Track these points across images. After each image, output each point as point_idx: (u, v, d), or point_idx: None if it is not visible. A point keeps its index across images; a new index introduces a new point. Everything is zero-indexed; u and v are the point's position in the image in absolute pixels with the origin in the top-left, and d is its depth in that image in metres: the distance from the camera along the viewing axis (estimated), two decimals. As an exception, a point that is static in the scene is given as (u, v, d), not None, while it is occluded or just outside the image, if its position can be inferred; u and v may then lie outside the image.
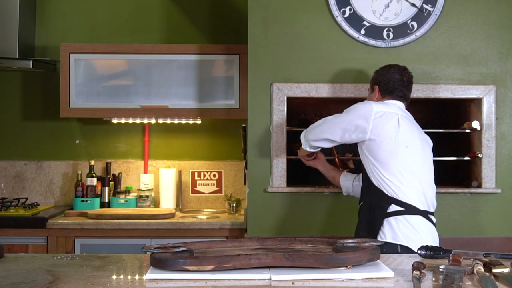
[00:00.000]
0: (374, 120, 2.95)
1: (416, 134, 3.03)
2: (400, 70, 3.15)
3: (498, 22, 3.61)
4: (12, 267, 2.07)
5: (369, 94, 3.23)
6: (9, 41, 4.13)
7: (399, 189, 2.90)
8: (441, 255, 2.20)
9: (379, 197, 2.94)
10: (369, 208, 3.00)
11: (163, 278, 1.88)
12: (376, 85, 3.16)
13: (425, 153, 3.05)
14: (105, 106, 4.10)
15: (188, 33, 4.45)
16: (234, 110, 4.09)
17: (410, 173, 2.92)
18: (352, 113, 3.02)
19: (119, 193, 4.32)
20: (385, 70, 3.17)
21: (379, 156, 2.94)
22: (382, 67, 3.21)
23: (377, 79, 3.17)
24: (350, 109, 3.07)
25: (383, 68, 3.19)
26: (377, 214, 2.93)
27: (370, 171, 2.98)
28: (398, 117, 2.98)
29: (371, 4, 3.60)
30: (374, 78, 3.20)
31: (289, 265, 1.94)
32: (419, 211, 2.91)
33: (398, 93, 3.11)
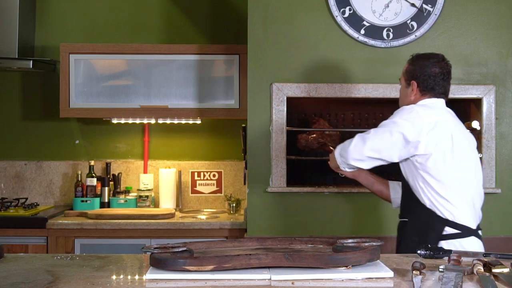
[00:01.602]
0: (428, 133, 2.60)
1: (465, 138, 2.74)
2: (439, 61, 2.79)
3: (498, 22, 3.61)
4: (12, 267, 2.07)
5: (403, 88, 2.85)
6: (9, 41, 4.13)
7: (455, 209, 2.61)
8: (441, 255, 2.20)
9: (430, 219, 2.62)
10: (417, 230, 2.66)
11: (163, 278, 1.88)
12: (413, 81, 2.77)
13: (476, 159, 2.76)
14: (105, 106, 4.10)
15: (188, 33, 4.45)
16: (234, 110, 4.09)
17: (465, 189, 2.65)
18: (399, 127, 2.63)
19: (119, 193, 4.32)
20: (422, 62, 2.78)
21: (433, 173, 2.60)
22: (418, 57, 2.82)
23: (414, 73, 2.78)
24: (394, 121, 2.68)
25: (420, 59, 2.80)
26: (428, 237, 2.57)
27: (420, 189, 2.64)
28: (449, 124, 2.69)
29: (371, 4, 3.60)
30: (410, 72, 2.79)
31: (289, 265, 1.94)
32: (472, 231, 2.64)
33: (439, 89, 2.77)
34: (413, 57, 2.84)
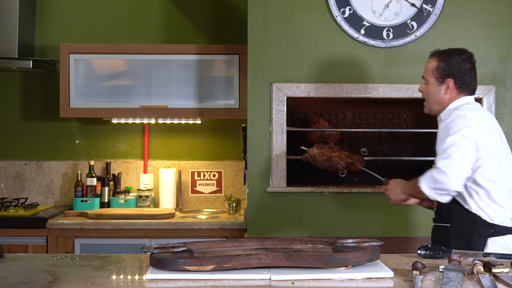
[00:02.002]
0: (487, 136, 2.60)
1: (503, 135, 2.74)
2: (470, 56, 2.75)
3: (498, 22, 3.61)
4: (12, 267, 2.07)
5: (433, 87, 2.74)
6: (9, 41, 4.13)
7: (503, 210, 2.61)
8: (441, 255, 2.20)
9: (475, 223, 2.61)
10: (462, 235, 2.62)
11: (163, 278, 1.88)
12: (450, 78, 2.69)
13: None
14: (105, 106, 4.10)
15: (188, 33, 4.45)
16: (234, 110, 4.09)
17: (509, 190, 2.65)
18: (469, 137, 2.58)
19: (119, 193, 4.32)
20: (456, 58, 2.71)
21: (488, 175, 2.59)
22: (448, 53, 2.74)
23: (450, 70, 2.69)
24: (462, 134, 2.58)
25: (451, 55, 2.73)
26: (474, 242, 2.56)
27: (467, 194, 2.62)
28: (495, 124, 2.70)
29: (371, 4, 3.60)
30: (444, 69, 2.71)
31: (289, 265, 1.94)
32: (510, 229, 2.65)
33: (474, 85, 2.74)
34: (439, 53, 2.75)
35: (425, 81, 2.79)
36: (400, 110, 3.99)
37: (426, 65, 2.81)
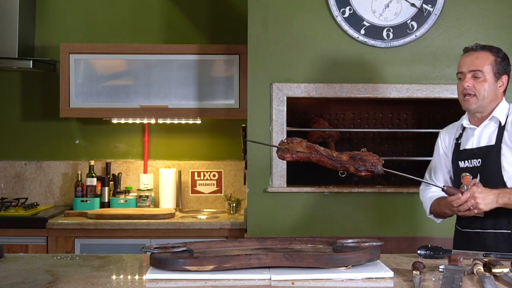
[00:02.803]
0: None
1: None
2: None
3: (498, 22, 3.61)
4: (12, 267, 2.07)
5: (490, 84, 2.61)
6: (9, 41, 4.13)
7: None
8: (441, 255, 2.20)
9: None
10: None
11: (163, 278, 1.88)
12: (505, 75, 2.64)
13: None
14: (105, 106, 4.10)
15: (188, 33, 4.45)
16: (234, 110, 4.09)
17: None
18: None
19: (119, 193, 4.32)
20: (504, 52, 2.66)
21: None
22: (497, 49, 2.66)
23: (505, 67, 2.64)
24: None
25: (501, 50, 2.66)
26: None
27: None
28: None
29: (371, 4, 3.60)
30: (501, 65, 2.63)
31: (289, 265, 1.94)
32: None
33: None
34: (496, 48, 2.66)
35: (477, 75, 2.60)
36: (400, 110, 3.99)
37: (477, 59, 2.61)
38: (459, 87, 2.66)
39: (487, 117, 2.65)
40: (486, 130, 2.66)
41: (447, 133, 2.84)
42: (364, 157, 2.25)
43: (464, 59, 2.66)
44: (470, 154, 2.65)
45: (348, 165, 2.23)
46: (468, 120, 2.73)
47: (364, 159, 2.25)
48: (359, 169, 2.22)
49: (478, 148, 2.64)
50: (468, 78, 2.60)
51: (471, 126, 2.70)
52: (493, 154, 2.58)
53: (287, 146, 2.25)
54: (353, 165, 2.23)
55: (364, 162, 2.23)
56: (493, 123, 2.65)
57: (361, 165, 2.22)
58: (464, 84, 2.60)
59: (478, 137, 2.66)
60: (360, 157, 2.25)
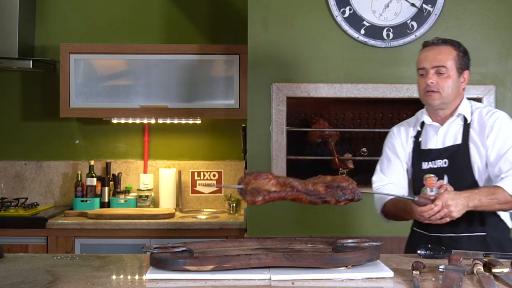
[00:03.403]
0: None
1: None
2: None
3: (497, 22, 3.61)
4: (12, 267, 2.07)
5: (454, 80, 2.51)
6: (9, 41, 4.13)
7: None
8: (441, 255, 2.20)
9: (505, 231, 2.53)
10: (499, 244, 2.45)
11: (163, 278, 1.88)
12: (467, 70, 2.57)
13: None
14: (105, 106, 4.10)
15: (188, 33, 4.45)
16: (234, 110, 4.09)
17: None
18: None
19: (119, 193, 4.32)
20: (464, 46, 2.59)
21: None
22: (458, 43, 2.58)
23: (467, 62, 2.57)
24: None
25: (461, 44, 2.59)
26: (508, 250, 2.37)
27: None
28: None
29: (371, 4, 3.60)
30: (464, 60, 2.55)
31: (289, 265, 1.94)
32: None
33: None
34: (457, 42, 2.59)
35: (441, 71, 2.50)
36: (400, 110, 3.99)
37: (439, 54, 2.52)
38: (420, 83, 2.54)
39: (450, 115, 2.56)
40: (451, 128, 2.56)
41: (403, 131, 2.68)
42: (341, 183, 2.09)
43: (425, 54, 2.54)
44: (435, 154, 2.54)
45: (327, 198, 2.07)
46: (429, 117, 2.61)
47: (342, 186, 2.08)
48: (339, 199, 2.07)
49: (444, 148, 2.53)
50: (431, 74, 2.49)
51: (433, 123, 2.59)
52: (461, 153, 2.49)
53: (254, 185, 2.03)
54: (333, 197, 2.06)
55: (343, 190, 2.08)
56: (459, 121, 2.55)
57: (341, 194, 2.07)
58: (428, 80, 2.49)
59: (443, 136, 2.56)
60: (337, 185, 2.08)
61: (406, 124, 2.72)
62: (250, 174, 2.05)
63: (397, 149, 2.66)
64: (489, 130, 2.48)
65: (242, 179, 2.05)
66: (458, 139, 2.53)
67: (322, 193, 2.05)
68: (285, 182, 2.03)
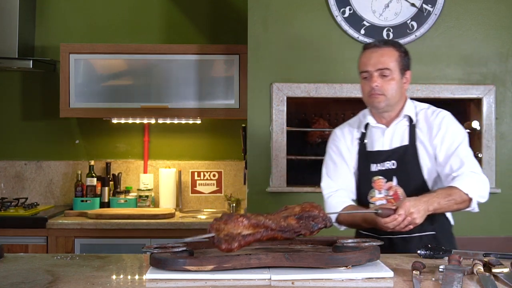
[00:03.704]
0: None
1: None
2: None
3: (498, 22, 3.61)
4: (12, 267, 2.07)
5: (397, 81, 2.49)
6: (9, 41, 4.13)
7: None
8: (441, 255, 2.19)
9: (450, 227, 2.58)
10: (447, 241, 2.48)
11: (163, 278, 1.88)
12: (409, 71, 2.55)
13: None
14: (105, 106, 4.10)
15: (188, 33, 4.46)
16: (234, 110, 4.09)
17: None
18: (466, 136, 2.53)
19: (119, 193, 4.32)
20: (404, 46, 2.58)
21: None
22: (399, 43, 2.58)
23: (408, 62, 2.54)
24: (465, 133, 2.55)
25: (402, 45, 2.58)
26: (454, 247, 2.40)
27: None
28: None
29: (371, 4, 3.60)
30: (405, 61, 2.53)
31: (289, 265, 1.94)
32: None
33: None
34: (397, 43, 2.58)
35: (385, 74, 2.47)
36: (400, 110, 3.98)
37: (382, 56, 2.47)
38: (364, 87, 2.50)
39: (395, 116, 2.54)
40: (397, 129, 2.54)
41: (347, 133, 2.65)
42: (311, 213, 2.06)
43: (368, 56, 2.50)
44: (384, 156, 2.52)
45: (302, 231, 2.02)
46: (374, 119, 2.58)
47: (313, 215, 2.06)
48: (313, 230, 2.03)
49: (392, 149, 2.52)
50: (375, 77, 2.46)
51: (379, 125, 2.57)
52: (409, 154, 2.49)
53: (226, 230, 1.97)
54: (307, 229, 2.02)
55: (314, 219, 2.05)
56: (404, 121, 2.54)
57: (314, 224, 2.04)
58: (373, 84, 2.46)
59: (390, 138, 2.54)
60: (308, 215, 2.05)
61: (348, 125, 2.69)
62: (220, 219, 2.02)
63: (343, 152, 2.62)
64: (436, 130, 2.49)
65: (212, 225, 2.02)
66: (405, 140, 2.52)
67: (295, 226, 2.02)
68: (258, 223, 1.99)
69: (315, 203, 2.13)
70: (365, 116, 2.62)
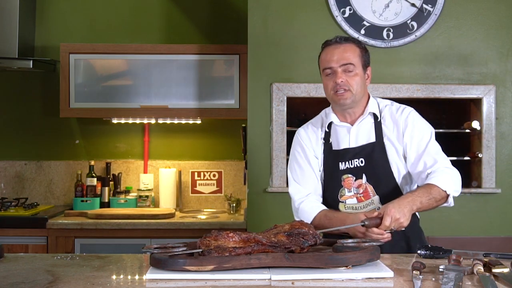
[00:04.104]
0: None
1: None
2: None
3: (498, 22, 3.61)
4: (12, 267, 2.07)
5: (361, 77, 2.48)
6: (9, 41, 4.13)
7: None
8: (441, 255, 2.19)
9: (419, 227, 2.58)
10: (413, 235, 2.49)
11: (163, 278, 1.88)
12: (369, 67, 2.54)
13: None
14: (105, 106, 4.10)
15: (188, 33, 4.46)
16: (234, 110, 4.09)
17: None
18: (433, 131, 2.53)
19: (119, 193, 4.32)
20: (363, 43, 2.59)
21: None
22: (358, 40, 2.59)
23: (368, 58, 2.54)
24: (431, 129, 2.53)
25: (361, 41, 2.61)
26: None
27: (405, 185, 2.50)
28: None
29: (371, 4, 3.60)
30: (366, 57, 2.52)
31: (289, 265, 1.94)
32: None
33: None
34: (357, 40, 2.56)
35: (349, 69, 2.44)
36: (400, 110, 3.98)
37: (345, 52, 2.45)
38: (328, 84, 2.47)
39: (360, 114, 2.51)
40: (362, 127, 2.51)
41: (311, 133, 2.63)
42: (301, 230, 2.03)
43: (331, 53, 2.46)
44: (351, 154, 2.49)
45: (292, 247, 2.00)
46: (337, 118, 2.55)
47: (303, 232, 2.03)
48: (303, 246, 2.01)
49: (359, 146, 2.48)
50: (340, 73, 2.42)
51: (343, 124, 2.53)
52: (377, 151, 2.45)
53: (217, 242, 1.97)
54: (297, 245, 2.00)
55: (304, 236, 2.02)
56: (369, 118, 2.51)
57: (304, 241, 2.01)
58: (338, 80, 2.42)
59: (355, 136, 2.51)
60: (298, 232, 2.02)
61: (311, 125, 2.66)
62: (209, 236, 2.01)
63: (308, 154, 2.58)
64: (403, 127, 2.47)
65: (202, 241, 2.00)
66: (371, 137, 2.49)
67: (286, 243, 2.01)
68: (248, 237, 1.99)
69: (304, 221, 2.13)
70: (328, 115, 2.59)
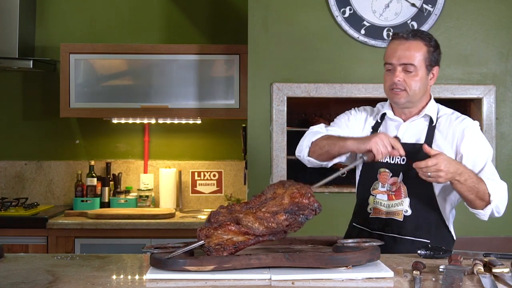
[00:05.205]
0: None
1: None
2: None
3: (498, 22, 3.61)
4: (12, 267, 2.07)
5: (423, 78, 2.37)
6: (9, 41, 4.13)
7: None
8: (441, 255, 2.19)
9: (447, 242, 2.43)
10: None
11: (163, 278, 1.88)
12: (437, 67, 2.41)
13: None
14: (105, 106, 4.10)
15: (188, 33, 4.46)
16: (234, 110, 4.09)
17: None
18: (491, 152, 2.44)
19: (119, 193, 4.32)
20: (435, 40, 2.42)
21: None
22: (429, 36, 2.40)
23: (437, 58, 2.40)
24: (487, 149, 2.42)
25: (432, 38, 2.41)
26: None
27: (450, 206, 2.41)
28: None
29: (371, 4, 3.60)
30: (433, 57, 2.38)
31: (289, 265, 1.94)
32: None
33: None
34: (428, 36, 2.40)
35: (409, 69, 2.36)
36: (400, 110, 3.98)
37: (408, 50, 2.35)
38: (386, 79, 2.40)
39: (416, 113, 2.44)
40: (414, 126, 2.44)
41: (363, 116, 2.58)
42: (298, 203, 1.97)
43: (394, 48, 2.37)
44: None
45: (292, 227, 1.97)
46: (392, 111, 2.49)
47: (300, 206, 1.97)
48: (302, 222, 1.97)
49: (404, 144, 2.35)
50: (398, 72, 2.34)
51: (396, 118, 2.47)
52: (421, 154, 2.28)
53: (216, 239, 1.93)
54: (296, 224, 1.97)
55: (303, 211, 1.96)
56: (423, 120, 2.44)
57: (302, 217, 1.98)
58: (395, 79, 2.35)
59: (404, 132, 2.43)
60: (297, 207, 1.96)
61: (364, 110, 2.61)
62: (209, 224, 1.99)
63: (351, 125, 2.56)
64: (459, 137, 2.38)
65: (201, 231, 1.96)
66: (421, 139, 2.41)
67: (285, 225, 1.97)
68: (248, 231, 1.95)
69: (302, 187, 2.06)
70: (384, 107, 2.53)
